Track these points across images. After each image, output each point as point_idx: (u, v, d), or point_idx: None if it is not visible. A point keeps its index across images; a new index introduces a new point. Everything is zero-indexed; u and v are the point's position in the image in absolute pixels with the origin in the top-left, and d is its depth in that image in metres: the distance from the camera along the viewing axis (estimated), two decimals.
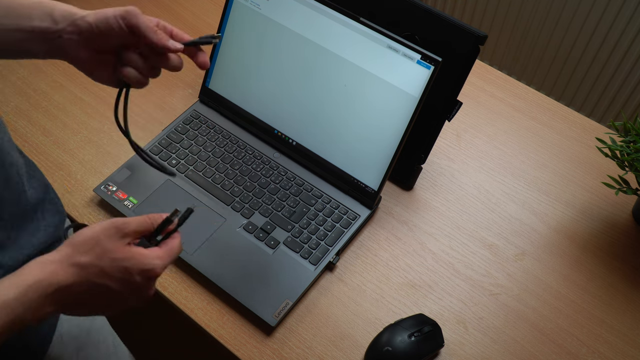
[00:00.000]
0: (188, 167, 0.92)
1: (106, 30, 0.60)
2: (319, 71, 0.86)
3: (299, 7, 0.84)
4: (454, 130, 1.03)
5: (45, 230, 0.62)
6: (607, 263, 0.88)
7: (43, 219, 0.62)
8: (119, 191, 0.88)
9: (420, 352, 0.75)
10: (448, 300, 0.83)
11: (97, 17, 0.60)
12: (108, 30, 0.60)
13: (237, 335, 0.78)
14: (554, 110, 1.07)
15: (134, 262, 0.53)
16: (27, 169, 0.60)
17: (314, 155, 0.91)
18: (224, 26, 0.93)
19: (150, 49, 0.62)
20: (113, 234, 0.53)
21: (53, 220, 0.64)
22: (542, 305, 0.83)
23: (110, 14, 0.60)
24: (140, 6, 1.18)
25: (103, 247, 0.52)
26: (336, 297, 0.82)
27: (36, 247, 0.60)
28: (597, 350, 0.79)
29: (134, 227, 0.54)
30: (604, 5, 1.55)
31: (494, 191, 0.95)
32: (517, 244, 0.89)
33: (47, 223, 0.63)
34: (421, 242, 0.89)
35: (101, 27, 0.60)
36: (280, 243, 0.84)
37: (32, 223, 0.60)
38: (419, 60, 0.78)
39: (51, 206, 0.63)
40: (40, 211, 0.61)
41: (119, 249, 0.53)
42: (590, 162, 1.00)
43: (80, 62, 0.62)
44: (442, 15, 0.81)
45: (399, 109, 0.81)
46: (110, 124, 0.99)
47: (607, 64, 1.66)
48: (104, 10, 0.60)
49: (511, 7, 1.71)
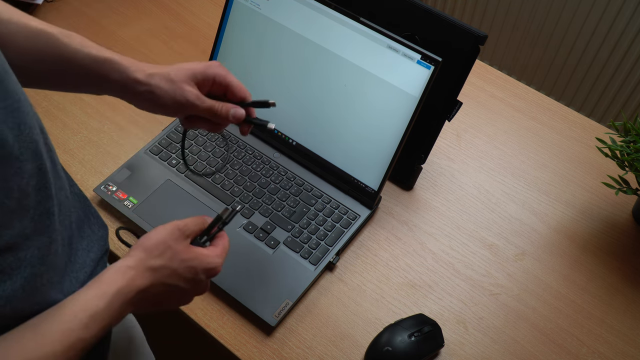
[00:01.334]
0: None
1: (162, 111, 0.64)
2: (318, 71, 0.86)
3: (299, 7, 0.84)
4: (454, 130, 1.03)
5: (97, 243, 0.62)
6: (607, 263, 0.88)
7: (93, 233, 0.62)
8: (119, 191, 0.88)
9: (420, 352, 0.75)
10: (448, 300, 0.83)
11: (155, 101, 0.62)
12: (164, 112, 0.64)
13: (237, 335, 0.78)
14: (554, 110, 1.07)
15: (199, 262, 0.57)
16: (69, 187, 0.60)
17: (314, 155, 0.91)
18: (224, 26, 0.93)
19: None
20: (178, 236, 0.57)
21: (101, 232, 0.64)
22: (542, 305, 0.83)
23: (170, 104, 0.62)
24: (141, 6, 1.18)
25: (173, 249, 0.56)
26: (336, 297, 0.82)
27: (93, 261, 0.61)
28: (597, 350, 0.79)
29: (192, 228, 0.59)
30: (604, 5, 1.55)
31: (494, 191, 0.95)
32: (517, 244, 0.89)
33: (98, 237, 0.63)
34: (421, 242, 0.89)
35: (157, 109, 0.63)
36: (280, 243, 0.84)
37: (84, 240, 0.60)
38: (419, 60, 0.78)
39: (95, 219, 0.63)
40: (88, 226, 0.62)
41: (186, 251, 0.57)
42: (590, 162, 1.00)
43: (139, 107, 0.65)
44: (442, 15, 0.81)
45: (399, 109, 0.81)
46: (110, 124, 0.99)
47: (607, 64, 1.66)
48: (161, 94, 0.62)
49: (511, 7, 1.71)
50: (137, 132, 0.99)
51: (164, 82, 0.62)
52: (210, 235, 0.62)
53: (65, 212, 0.56)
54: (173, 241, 0.57)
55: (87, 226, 0.61)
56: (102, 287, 0.51)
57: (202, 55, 1.10)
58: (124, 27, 1.15)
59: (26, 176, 0.45)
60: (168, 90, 0.62)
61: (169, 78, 0.62)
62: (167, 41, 1.13)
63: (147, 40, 1.13)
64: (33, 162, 0.46)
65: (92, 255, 0.60)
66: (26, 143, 0.45)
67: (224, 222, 0.62)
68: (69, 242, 0.56)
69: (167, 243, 0.56)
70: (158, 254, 0.55)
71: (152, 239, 0.56)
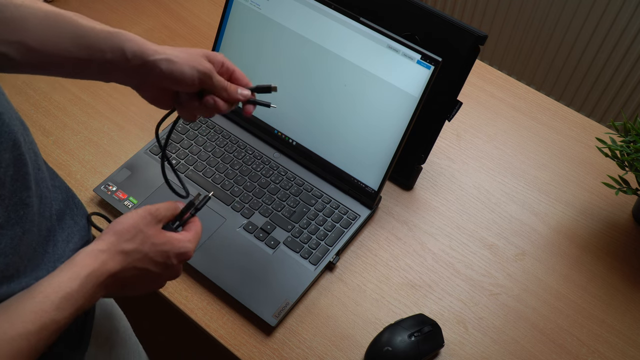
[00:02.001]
0: (188, 167, 0.92)
1: (178, 81, 0.61)
2: (319, 71, 0.86)
3: (299, 7, 0.84)
4: (454, 130, 1.03)
5: (79, 234, 0.63)
6: (607, 263, 0.88)
7: (75, 224, 0.63)
8: (119, 191, 0.88)
9: (420, 352, 0.75)
10: (448, 300, 0.83)
11: (172, 69, 0.60)
12: (179, 82, 0.62)
13: (237, 335, 0.78)
14: (554, 110, 1.07)
15: (171, 246, 0.57)
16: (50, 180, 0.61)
17: (314, 155, 0.91)
18: (224, 26, 0.93)
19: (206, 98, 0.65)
20: (150, 220, 0.57)
21: (83, 222, 0.65)
22: (542, 305, 0.83)
23: (187, 72, 0.61)
24: (141, 6, 1.18)
25: (144, 233, 0.56)
26: (336, 297, 0.82)
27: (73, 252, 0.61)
28: (597, 350, 0.79)
29: (164, 213, 0.59)
30: (604, 5, 1.55)
31: (494, 191, 0.95)
32: (517, 244, 0.89)
33: (79, 227, 0.63)
34: (421, 242, 0.89)
35: (175, 77, 0.61)
36: (280, 243, 0.84)
37: (65, 231, 0.60)
38: (419, 60, 0.78)
39: (78, 209, 0.64)
40: (70, 217, 0.62)
41: (158, 235, 0.57)
42: (590, 162, 1.00)
43: (142, 93, 0.65)
44: (442, 15, 0.81)
45: (399, 109, 0.81)
46: (111, 124, 0.99)
47: (607, 64, 1.66)
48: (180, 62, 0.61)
49: (511, 7, 1.71)
50: (137, 132, 0.99)
51: (180, 52, 0.62)
52: (182, 220, 0.61)
53: (47, 203, 0.57)
54: (144, 225, 0.57)
55: (69, 217, 0.62)
56: (74, 269, 0.51)
57: None
58: (124, 27, 1.15)
59: (3, 165, 0.46)
60: (187, 58, 0.61)
61: (185, 50, 0.62)
62: (167, 41, 1.13)
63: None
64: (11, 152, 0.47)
65: (71, 246, 0.61)
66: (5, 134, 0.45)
67: (196, 208, 0.62)
68: (47, 233, 0.57)
69: (139, 227, 0.56)
70: (129, 237, 0.55)
71: (123, 223, 0.56)
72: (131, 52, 0.59)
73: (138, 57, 0.60)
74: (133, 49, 0.60)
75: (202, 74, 0.62)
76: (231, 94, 0.65)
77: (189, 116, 0.67)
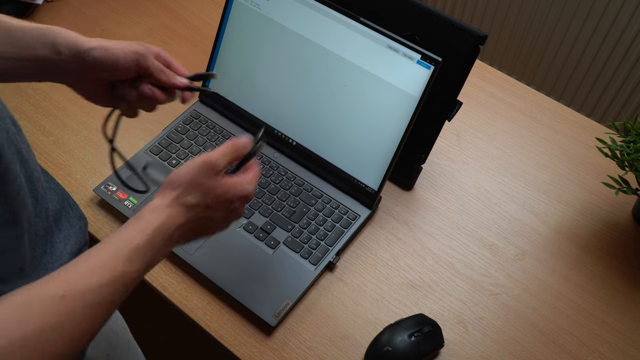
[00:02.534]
0: None
1: (113, 68, 0.61)
2: (319, 71, 0.86)
3: (299, 7, 0.84)
4: (454, 130, 1.03)
5: (75, 235, 0.62)
6: (607, 263, 0.88)
7: (71, 226, 0.62)
8: (119, 191, 0.88)
9: (420, 352, 0.75)
10: (448, 300, 0.83)
11: (106, 55, 0.60)
12: (114, 69, 0.61)
13: (237, 335, 0.78)
14: (554, 110, 1.07)
15: (234, 191, 0.58)
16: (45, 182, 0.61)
17: (314, 155, 0.91)
18: (224, 26, 0.93)
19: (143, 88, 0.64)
20: (208, 171, 0.57)
21: (79, 224, 0.64)
22: (542, 305, 0.83)
23: (121, 56, 0.60)
24: (141, 6, 1.18)
25: (205, 186, 0.57)
26: (336, 297, 0.82)
27: (70, 254, 0.61)
28: (597, 350, 0.79)
29: (224, 163, 0.59)
30: (604, 5, 1.55)
31: (494, 191, 0.95)
32: (517, 244, 0.89)
33: (76, 230, 0.63)
34: (421, 242, 0.89)
35: (108, 65, 0.60)
36: (280, 243, 0.84)
37: (62, 233, 0.60)
38: (419, 60, 0.78)
39: (73, 212, 0.64)
40: (66, 219, 0.62)
41: (219, 184, 0.57)
42: (590, 162, 1.00)
43: (79, 89, 0.64)
44: (442, 15, 0.81)
45: (399, 109, 0.81)
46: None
47: (607, 64, 1.66)
48: (113, 48, 0.60)
49: (511, 7, 1.71)
50: (137, 132, 0.99)
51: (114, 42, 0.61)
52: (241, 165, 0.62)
53: (42, 203, 0.57)
54: (204, 178, 0.57)
55: (65, 219, 0.62)
56: (141, 225, 0.52)
57: (202, 55, 1.10)
58: (124, 27, 1.15)
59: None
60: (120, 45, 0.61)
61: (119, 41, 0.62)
62: (167, 41, 1.13)
63: (147, 40, 1.13)
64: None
65: (69, 248, 0.61)
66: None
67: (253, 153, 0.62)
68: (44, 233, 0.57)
69: (198, 181, 0.56)
70: (190, 191, 0.56)
71: (181, 177, 0.57)
72: (63, 46, 0.59)
73: (70, 49, 0.59)
74: (65, 42, 0.59)
75: (136, 55, 0.61)
76: (169, 76, 0.64)
77: (129, 111, 0.66)
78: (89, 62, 0.60)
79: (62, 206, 0.62)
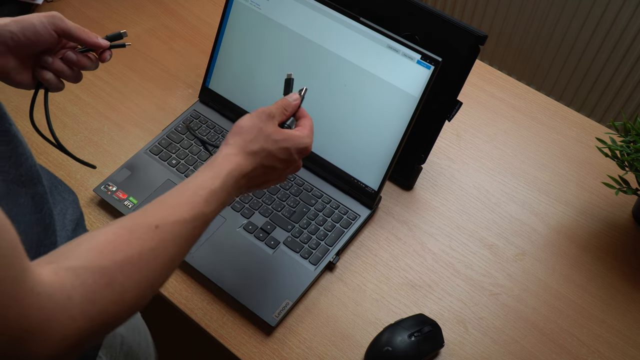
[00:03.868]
0: (188, 167, 0.92)
1: (33, 36, 0.61)
2: (319, 71, 0.86)
3: (299, 7, 0.84)
4: (454, 130, 1.03)
5: (71, 206, 0.65)
6: (607, 263, 0.88)
7: (64, 199, 0.64)
8: (119, 191, 0.88)
9: (420, 352, 0.75)
10: (448, 300, 0.83)
11: (23, 25, 0.60)
12: (35, 37, 0.61)
13: (237, 335, 0.78)
14: (554, 110, 1.07)
15: (292, 142, 0.63)
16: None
17: (314, 155, 0.91)
18: (224, 26, 0.93)
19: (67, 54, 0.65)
20: (266, 118, 0.62)
21: (71, 197, 0.66)
22: (542, 305, 0.83)
23: (37, 21, 0.61)
24: (141, 6, 1.18)
25: (265, 132, 0.61)
26: (336, 297, 0.82)
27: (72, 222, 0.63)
28: (597, 350, 0.79)
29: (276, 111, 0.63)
30: (603, 6, 1.55)
31: (494, 191, 0.95)
32: (517, 244, 0.89)
33: (70, 200, 0.65)
34: (421, 242, 0.89)
35: (28, 35, 0.61)
36: (280, 243, 0.84)
37: (57, 206, 0.62)
38: (419, 60, 0.78)
39: (62, 187, 0.66)
40: (58, 193, 0.64)
41: (278, 132, 0.62)
42: (590, 162, 1.00)
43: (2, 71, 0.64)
44: (442, 15, 0.81)
45: (399, 109, 0.81)
46: (111, 124, 0.99)
47: (607, 64, 1.66)
48: (26, 17, 0.61)
49: (511, 7, 1.71)
50: (137, 132, 0.99)
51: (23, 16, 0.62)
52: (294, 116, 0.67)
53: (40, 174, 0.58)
54: (263, 124, 0.61)
55: (57, 193, 0.64)
56: (214, 169, 0.57)
57: (202, 55, 1.10)
58: (124, 27, 1.15)
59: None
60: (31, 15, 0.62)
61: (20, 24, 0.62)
62: (167, 41, 1.13)
63: (147, 40, 1.13)
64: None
65: (68, 217, 0.63)
66: None
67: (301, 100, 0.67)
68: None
69: (258, 126, 0.61)
70: (253, 137, 0.60)
71: (243, 125, 0.61)
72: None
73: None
74: None
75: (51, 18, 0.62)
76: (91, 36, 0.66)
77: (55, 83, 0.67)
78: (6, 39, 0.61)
79: (52, 182, 0.64)
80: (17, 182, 0.51)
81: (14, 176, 0.50)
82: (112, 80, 1.06)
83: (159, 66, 1.09)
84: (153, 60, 1.09)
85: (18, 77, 0.65)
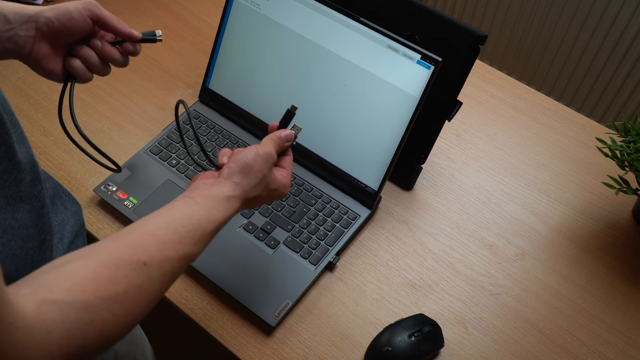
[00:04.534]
0: (188, 167, 0.92)
1: (69, 23, 0.61)
2: (319, 71, 0.86)
3: (299, 7, 0.84)
4: (454, 130, 1.03)
5: (73, 217, 0.64)
6: (607, 263, 0.88)
7: (66, 209, 0.64)
8: (119, 191, 0.88)
9: (420, 352, 0.75)
10: (448, 300, 0.83)
11: (58, 12, 0.60)
12: (71, 24, 0.61)
13: (237, 335, 0.78)
14: (554, 110, 1.07)
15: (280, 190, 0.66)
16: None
17: (314, 155, 0.91)
18: (224, 26, 0.93)
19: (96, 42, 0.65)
20: (270, 165, 0.64)
21: (74, 207, 0.66)
22: (542, 305, 0.83)
23: (72, 7, 0.61)
24: (140, 6, 1.18)
25: (266, 180, 0.64)
26: (336, 297, 0.82)
27: (71, 234, 0.63)
28: (597, 350, 0.79)
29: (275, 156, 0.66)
30: (603, 6, 1.55)
31: (494, 191, 0.95)
32: (517, 244, 0.89)
33: (72, 211, 0.65)
34: (421, 242, 0.89)
35: (63, 21, 0.61)
36: (280, 243, 0.84)
37: (58, 216, 0.62)
38: (419, 60, 0.78)
39: (66, 196, 0.65)
40: (61, 202, 0.63)
41: (274, 181, 0.65)
42: (590, 162, 1.00)
43: (35, 59, 0.63)
44: (442, 15, 0.81)
45: (399, 109, 0.81)
46: (111, 124, 0.99)
47: (607, 64, 1.66)
48: (63, 5, 0.61)
49: (511, 7, 1.71)
50: (137, 132, 0.99)
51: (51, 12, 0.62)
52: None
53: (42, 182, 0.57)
54: (268, 171, 0.63)
55: (60, 203, 0.63)
56: (213, 214, 0.57)
57: (202, 55, 1.10)
58: None
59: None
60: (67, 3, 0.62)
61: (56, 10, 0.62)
62: (167, 41, 1.13)
63: None
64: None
65: (68, 228, 0.62)
66: None
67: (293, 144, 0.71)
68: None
69: (264, 173, 0.63)
70: (256, 184, 0.62)
71: (254, 166, 0.62)
72: (11, 13, 0.59)
73: (20, 15, 0.59)
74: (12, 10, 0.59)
75: (87, 4, 0.62)
76: (125, 26, 0.66)
77: (83, 72, 0.67)
78: (42, 25, 0.60)
79: (56, 191, 0.63)
80: (16, 198, 0.50)
81: (14, 192, 0.50)
82: (112, 80, 1.06)
83: (158, 66, 1.09)
84: (153, 60, 1.09)
85: (49, 65, 0.65)
